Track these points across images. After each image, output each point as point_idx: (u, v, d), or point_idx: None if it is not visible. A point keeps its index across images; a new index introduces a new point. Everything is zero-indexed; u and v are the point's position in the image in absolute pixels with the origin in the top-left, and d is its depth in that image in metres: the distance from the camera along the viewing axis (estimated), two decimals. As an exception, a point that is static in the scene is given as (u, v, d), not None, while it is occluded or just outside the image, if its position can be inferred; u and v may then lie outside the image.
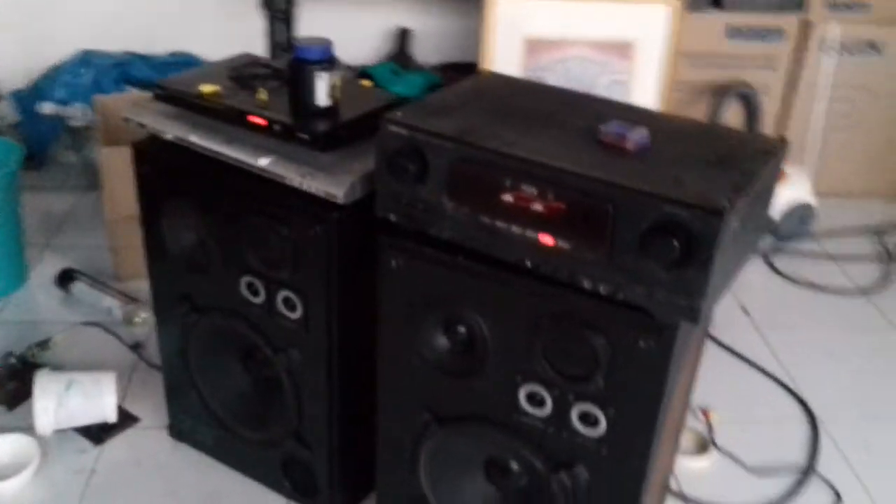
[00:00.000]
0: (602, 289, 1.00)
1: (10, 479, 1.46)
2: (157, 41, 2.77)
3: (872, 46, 2.63)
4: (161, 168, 1.34)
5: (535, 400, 1.12)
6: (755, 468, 1.63)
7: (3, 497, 1.46)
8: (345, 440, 1.39)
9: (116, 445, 1.61)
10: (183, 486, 1.53)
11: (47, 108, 2.32)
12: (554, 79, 2.37)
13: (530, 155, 1.01)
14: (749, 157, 1.04)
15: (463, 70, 2.73)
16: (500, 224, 1.04)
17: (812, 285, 2.29)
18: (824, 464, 1.65)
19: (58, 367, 1.69)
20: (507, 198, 1.03)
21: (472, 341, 1.14)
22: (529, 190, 1.01)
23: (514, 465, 1.24)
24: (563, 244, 1.01)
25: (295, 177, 1.18)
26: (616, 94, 2.37)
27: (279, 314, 1.30)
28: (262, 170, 1.21)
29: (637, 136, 1.04)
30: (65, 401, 1.57)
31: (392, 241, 1.14)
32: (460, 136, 1.05)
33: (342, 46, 2.68)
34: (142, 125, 1.33)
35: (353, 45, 2.75)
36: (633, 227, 0.95)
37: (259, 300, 1.31)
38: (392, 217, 1.12)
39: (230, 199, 1.27)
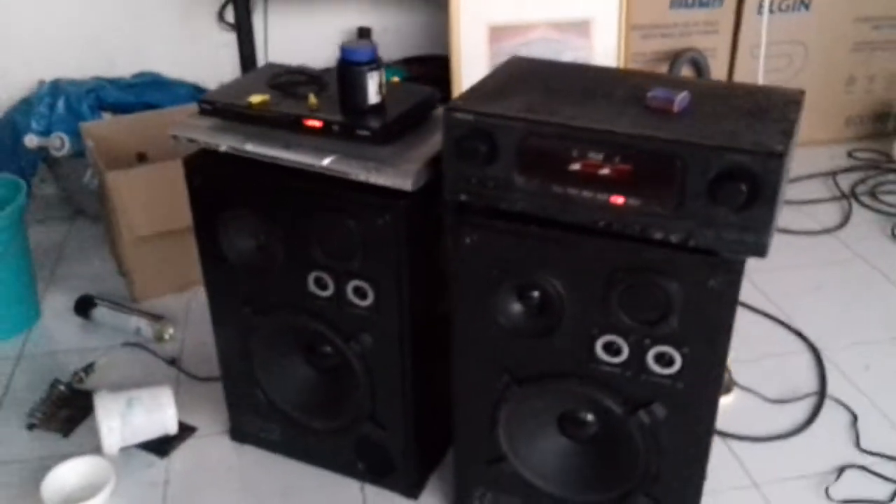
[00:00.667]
0: (673, 238, 1.11)
1: (90, 500, 1.50)
2: (118, 64, 2.77)
3: (802, 3, 2.82)
4: (215, 180, 1.40)
5: (611, 349, 1.23)
6: (775, 399, 1.78)
7: (85, 518, 1.50)
8: (419, 415, 1.47)
9: (182, 456, 1.66)
10: (257, 484, 1.59)
11: (32, 140, 2.31)
12: (524, 62, 2.48)
13: (594, 124, 1.12)
14: (779, 107, 1.17)
15: (426, 63, 2.83)
16: (571, 191, 1.15)
17: (783, 230, 2.46)
18: (834, 387, 1.81)
19: (109, 390, 1.72)
20: (576, 166, 1.13)
21: (546, 303, 1.24)
22: (597, 156, 1.12)
23: (587, 416, 1.35)
24: (634, 202, 1.12)
25: (360, 172, 1.26)
26: (583, 71, 2.50)
27: (349, 303, 1.38)
28: (326, 169, 1.29)
29: (681, 99, 1.16)
30: (128, 418, 1.61)
31: (465, 219, 1.23)
32: (525, 115, 1.15)
33: (304, 51, 2.77)
34: (192, 140, 1.38)
35: (314, 49, 2.80)
36: (701, 177, 1.06)
37: (328, 293, 1.39)
38: (463, 197, 1.22)
39: (292, 202, 1.34)
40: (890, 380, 1.84)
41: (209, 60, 2.79)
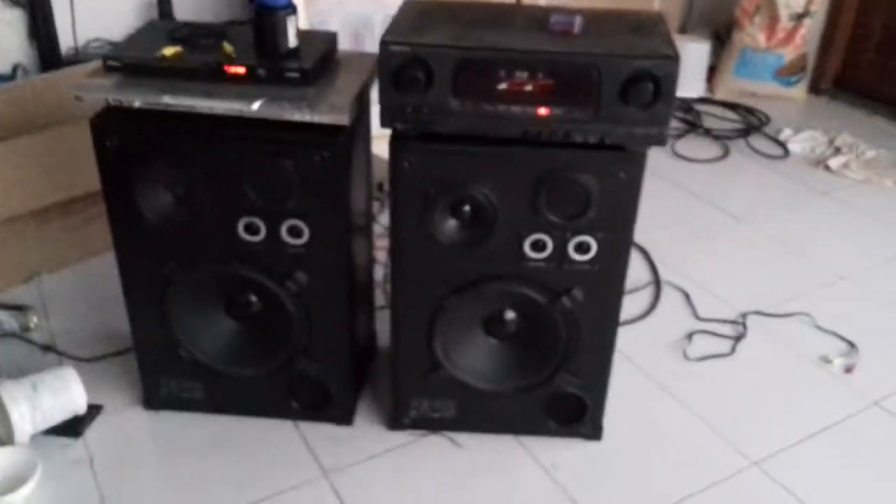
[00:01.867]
0: (592, 138, 1.31)
1: (20, 489, 1.43)
2: None
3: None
4: (129, 138, 1.38)
5: (537, 246, 1.41)
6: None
7: (15, 509, 1.43)
8: (353, 344, 1.57)
9: (97, 433, 1.61)
10: (187, 442, 1.60)
11: None
12: (337, 20, 2.57)
13: (518, 46, 1.28)
14: (650, 25, 1.41)
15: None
16: (500, 108, 1.30)
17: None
18: (665, 275, 2.15)
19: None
20: (504, 85, 1.29)
21: (479, 214, 1.39)
22: (522, 75, 1.28)
23: (508, 314, 1.53)
24: (557, 111, 1.30)
25: (295, 112, 1.33)
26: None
27: (283, 244, 1.43)
28: (256, 113, 1.33)
29: (578, 22, 1.35)
30: (36, 402, 1.54)
31: (401, 146, 1.34)
32: (456, 43, 1.28)
33: (101, 21, 2.65)
34: (104, 99, 1.36)
35: (113, 20, 2.70)
36: (613, 84, 1.27)
37: (259, 237, 1.43)
38: (398, 126, 1.33)
39: (217, 151, 1.37)
40: (705, 263, 2.21)
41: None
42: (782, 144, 2.89)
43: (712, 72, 3.34)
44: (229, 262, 1.47)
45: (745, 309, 2.03)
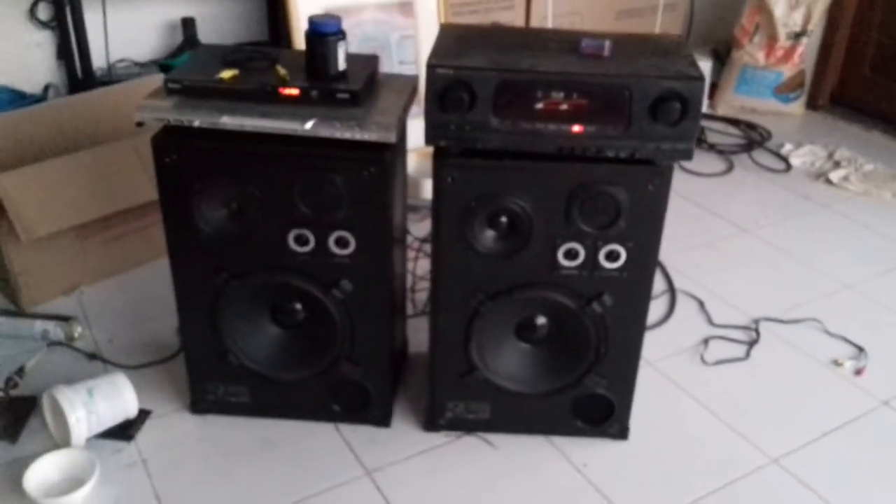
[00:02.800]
0: (622, 154, 1.41)
1: (79, 490, 1.51)
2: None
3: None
4: (188, 155, 1.47)
5: (570, 254, 1.51)
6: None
7: (75, 509, 1.51)
8: (392, 348, 1.66)
9: (148, 436, 1.69)
10: (235, 444, 1.68)
11: None
12: (355, 40, 2.68)
13: (553, 69, 1.38)
14: (674, 47, 1.51)
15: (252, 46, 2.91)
16: (538, 126, 1.40)
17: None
18: (679, 284, 2.24)
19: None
20: (540, 105, 1.39)
21: (515, 226, 1.49)
22: (558, 95, 1.38)
23: (539, 320, 1.62)
24: (590, 129, 1.40)
25: (346, 131, 1.42)
26: (407, 48, 2.75)
27: (330, 254, 1.52)
28: (309, 132, 1.43)
29: (608, 46, 1.45)
30: (92, 407, 1.62)
31: (445, 161, 1.44)
32: (496, 66, 1.38)
33: (126, 42, 2.75)
34: (162, 120, 1.45)
35: (137, 41, 2.80)
36: (644, 102, 1.37)
37: (308, 248, 1.52)
38: (442, 143, 1.42)
39: (272, 167, 1.46)
40: (716, 272, 2.31)
41: (19, 61, 2.66)
42: (784, 159, 3.00)
43: (713, 89, 3.46)
44: (279, 272, 1.56)
45: (756, 315, 2.12)
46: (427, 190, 2.45)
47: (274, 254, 1.54)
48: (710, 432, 1.76)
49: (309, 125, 1.43)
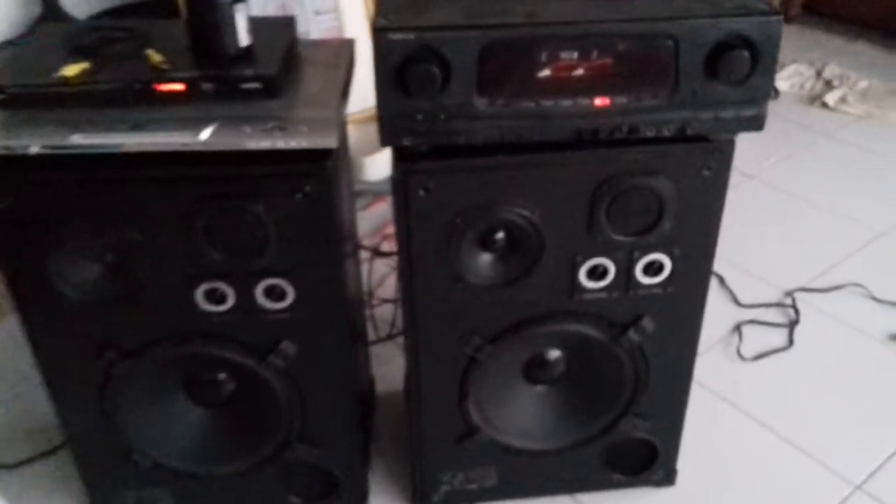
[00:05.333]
0: (667, 130, 0.98)
1: None
2: None
3: None
4: (29, 196, 0.98)
5: (596, 273, 1.09)
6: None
7: None
8: (359, 417, 1.22)
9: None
10: (162, 567, 1.23)
11: None
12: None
13: (561, 17, 0.93)
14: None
15: (131, 11, 2.36)
16: (544, 104, 0.96)
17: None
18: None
19: None
20: (546, 73, 0.94)
21: (518, 243, 1.05)
22: (570, 56, 0.94)
23: (552, 354, 1.20)
24: (619, 99, 0.96)
25: (262, 138, 0.95)
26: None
27: (260, 310, 1.07)
28: (207, 144, 0.95)
29: (626, -25, 1.01)
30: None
31: (413, 167, 0.99)
32: (476, 21, 0.93)
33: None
34: (-19, 149, 0.95)
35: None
36: (696, 54, 0.93)
37: (226, 306, 1.06)
38: (406, 141, 0.97)
39: (158, 199, 0.99)
40: (727, 235, 1.91)
41: None
42: (767, 82, 2.61)
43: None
44: (189, 342, 1.10)
45: (788, 286, 1.75)
46: (373, 170, 1.99)
47: (178, 318, 1.07)
48: (772, 455, 1.39)
49: (204, 135, 0.95)
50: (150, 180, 0.98)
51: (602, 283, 1.10)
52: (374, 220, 1.97)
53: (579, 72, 0.94)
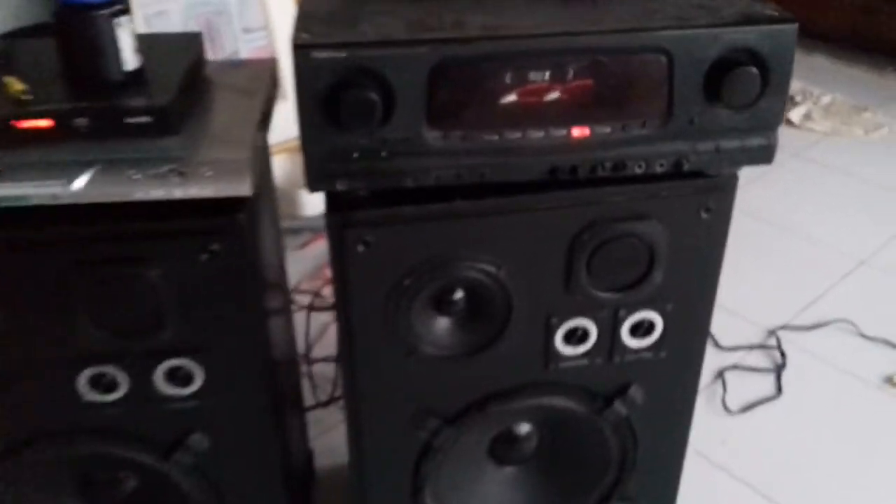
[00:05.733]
0: (659, 166, 0.80)
1: None
2: None
3: None
4: None
5: (575, 337, 0.90)
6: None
7: None
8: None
9: None
10: None
11: None
12: (178, 7, 1.95)
13: (529, 29, 0.75)
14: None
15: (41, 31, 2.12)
16: (510, 135, 0.77)
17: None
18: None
19: None
20: (512, 98, 0.76)
21: (480, 305, 0.86)
22: (540, 76, 0.75)
23: (521, 428, 1.01)
24: (604, 129, 0.78)
25: (155, 186, 0.75)
26: (252, 6, 2.03)
27: (161, 398, 0.86)
28: (82, 196, 0.75)
29: (602, -21, 0.83)
30: None
31: (351, 217, 0.79)
32: (424, 35, 0.74)
33: None
34: None
35: None
36: (694, 72, 0.76)
37: (117, 395, 0.85)
38: (340, 186, 0.77)
39: (24, 268, 0.78)
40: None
41: None
42: (727, 100, 2.49)
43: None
44: (73, 440, 0.88)
45: (769, 324, 1.59)
46: (311, 204, 1.79)
47: (60, 410, 0.86)
48: (772, 528, 1.23)
49: (79, 183, 0.74)
50: (12, 243, 0.77)
51: (582, 349, 0.91)
52: (313, 261, 1.77)
53: (553, 96, 0.76)
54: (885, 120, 2.37)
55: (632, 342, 0.92)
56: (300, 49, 0.71)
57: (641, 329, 0.91)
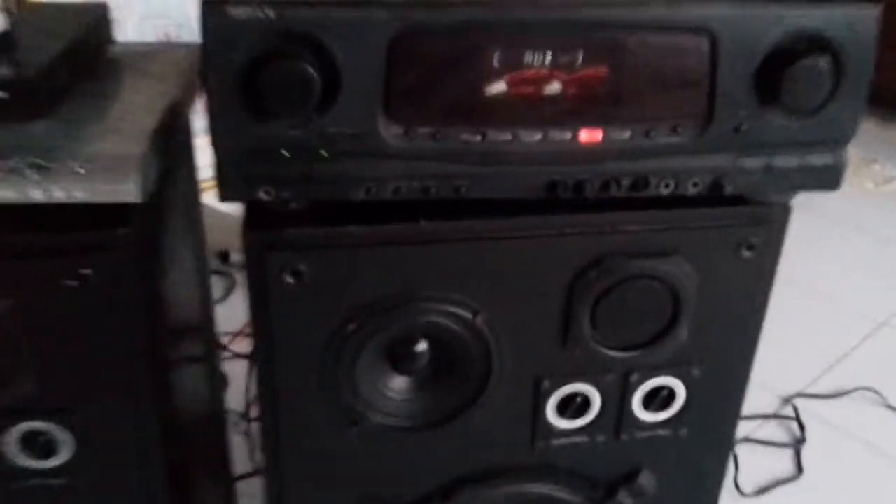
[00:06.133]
0: (693, 187, 0.61)
1: None
2: None
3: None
4: None
5: (571, 407, 0.69)
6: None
7: None
8: None
9: None
10: None
11: None
12: (135, 17, 1.77)
13: (525, -4, 0.56)
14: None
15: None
16: (498, 137, 0.57)
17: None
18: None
19: None
20: (500, 86, 0.56)
21: (451, 360, 0.66)
22: (538, 58, 0.56)
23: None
24: (621, 133, 0.58)
25: (2, 184, 0.54)
26: None
27: (17, 473, 0.64)
28: None
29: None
30: None
31: (276, 237, 0.59)
32: (382, -7, 0.54)
33: None
34: None
35: None
36: (745, 62, 0.57)
37: (-40, 467, 0.63)
38: (263, 194, 0.57)
39: None
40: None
41: None
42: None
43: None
44: None
45: (785, 391, 1.40)
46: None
47: None
48: None
49: None
50: None
51: (581, 422, 0.71)
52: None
53: (555, 86, 0.56)
54: (894, 173, 2.23)
55: (645, 416, 0.71)
56: (211, 5, 0.52)
57: (658, 399, 0.71)
